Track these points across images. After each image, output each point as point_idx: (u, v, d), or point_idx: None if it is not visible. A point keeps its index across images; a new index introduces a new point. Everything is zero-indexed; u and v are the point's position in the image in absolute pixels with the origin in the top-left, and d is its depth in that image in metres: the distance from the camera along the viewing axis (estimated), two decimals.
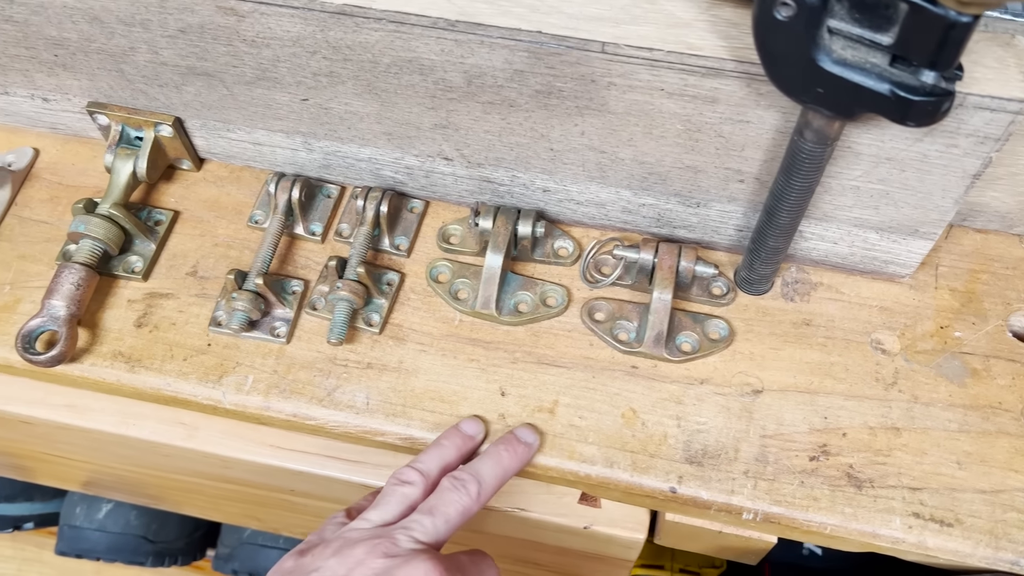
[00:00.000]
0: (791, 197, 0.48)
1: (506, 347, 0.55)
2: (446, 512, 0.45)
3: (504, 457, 0.49)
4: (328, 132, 0.57)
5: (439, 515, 0.45)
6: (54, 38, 0.54)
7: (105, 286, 0.58)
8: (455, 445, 0.50)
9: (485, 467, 0.48)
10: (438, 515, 0.45)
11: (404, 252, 0.59)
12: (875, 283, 0.58)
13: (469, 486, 0.47)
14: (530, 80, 0.48)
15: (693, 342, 0.55)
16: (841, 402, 0.53)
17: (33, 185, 0.62)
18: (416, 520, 0.45)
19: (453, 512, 0.46)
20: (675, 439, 0.52)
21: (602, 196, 0.56)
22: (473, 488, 0.47)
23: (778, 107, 0.46)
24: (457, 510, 0.46)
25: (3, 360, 0.56)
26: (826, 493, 0.50)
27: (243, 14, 0.49)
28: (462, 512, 0.46)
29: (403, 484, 0.47)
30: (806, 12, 0.38)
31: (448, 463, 0.49)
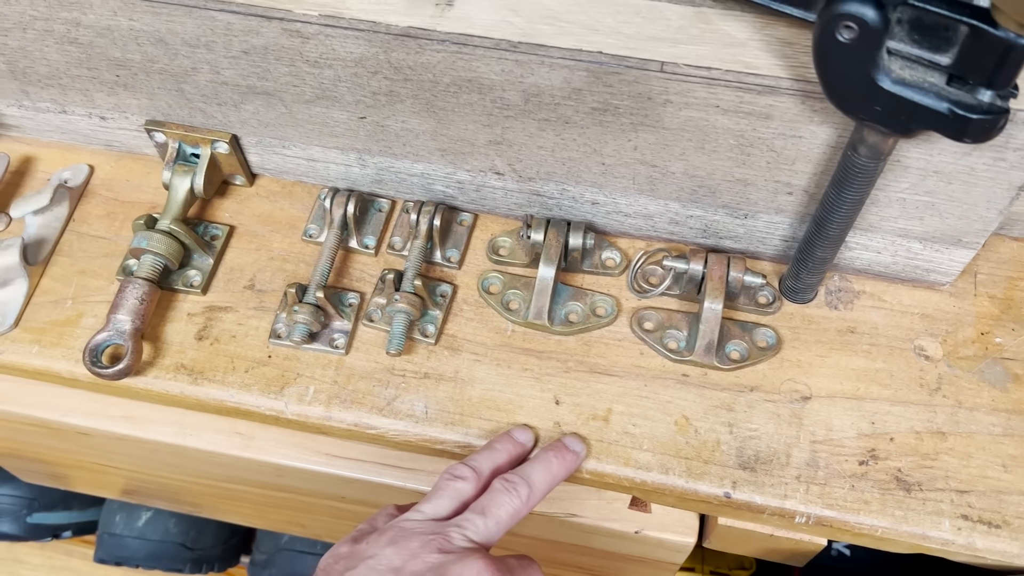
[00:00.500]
0: (842, 209, 0.50)
1: (558, 356, 0.57)
2: (497, 513, 0.47)
3: (554, 463, 0.51)
4: (383, 149, 0.58)
5: (491, 516, 0.46)
6: (117, 59, 0.56)
7: (165, 300, 0.59)
8: (506, 450, 0.51)
9: (535, 471, 0.50)
10: (490, 516, 0.46)
11: (455, 264, 0.60)
12: (916, 291, 0.59)
13: (520, 488, 0.48)
14: (587, 98, 0.50)
15: (742, 350, 0.56)
16: (887, 408, 0.55)
17: (89, 201, 0.64)
18: (469, 519, 0.46)
19: (504, 514, 0.47)
20: (728, 445, 0.53)
21: (650, 208, 0.58)
22: (524, 491, 0.48)
23: (831, 123, 0.48)
24: (508, 512, 0.47)
25: (68, 373, 0.57)
26: (876, 496, 0.52)
27: (308, 36, 0.50)
28: (512, 514, 0.47)
29: (456, 479, 0.49)
30: (868, 35, 0.40)
31: (499, 466, 0.50)
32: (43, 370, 0.57)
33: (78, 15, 0.53)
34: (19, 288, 0.59)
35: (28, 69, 0.59)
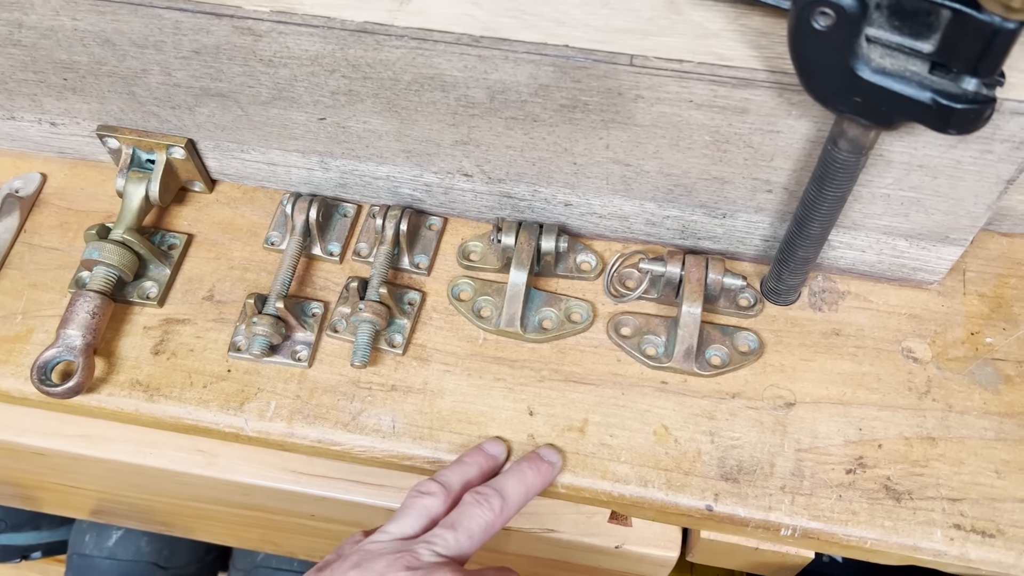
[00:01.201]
0: (823, 207, 0.47)
1: (532, 365, 0.54)
2: (469, 527, 0.44)
3: (528, 475, 0.48)
4: (345, 151, 0.55)
5: (462, 530, 0.44)
6: (64, 61, 0.53)
7: (120, 313, 0.56)
8: (477, 463, 0.49)
9: (509, 484, 0.47)
10: (461, 530, 0.44)
11: (424, 271, 0.58)
12: (903, 290, 0.57)
13: (492, 501, 0.46)
14: (555, 95, 0.47)
15: (723, 355, 0.54)
16: (875, 413, 0.53)
17: (42, 211, 0.61)
18: (438, 535, 0.44)
19: (476, 527, 0.44)
20: (709, 456, 0.51)
21: (625, 209, 0.55)
22: (496, 503, 0.46)
23: (810, 116, 0.46)
24: (480, 525, 0.45)
25: (17, 392, 0.54)
26: (865, 507, 0.50)
27: (260, 33, 0.47)
28: (485, 527, 0.45)
29: (424, 495, 0.46)
30: (845, 21, 0.37)
31: (470, 480, 0.48)
32: None
33: (19, 15, 0.50)
34: None
35: None
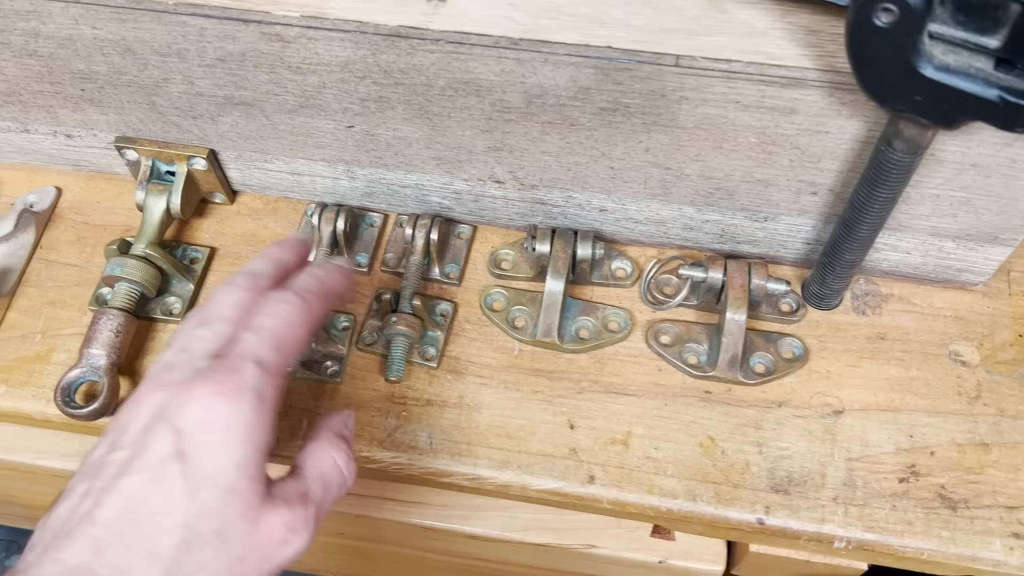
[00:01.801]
0: (873, 209, 0.46)
1: (571, 376, 0.53)
2: (220, 314, 0.39)
3: (275, 251, 0.44)
4: (373, 159, 0.54)
5: (214, 321, 0.39)
6: (82, 72, 0.51)
7: (143, 330, 0.54)
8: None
9: (254, 263, 0.43)
10: (212, 322, 0.39)
11: (455, 280, 0.56)
12: (947, 292, 0.55)
13: (239, 280, 0.41)
14: (595, 97, 0.46)
15: (767, 363, 0.52)
16: (925, 419, 0.51)
17: (58, 226, 0.59)
18: (191, 335, 0.39)
19: (229, 310, 0.39)
20: (758, 467, 0.50)
21: (663, 214, 0.54)
22: (243, 280, 0.41)
23: (861, 116, 0.44)
24: (232, 306, 0.40)
25: (39, 414, 0.52)
26: (920, 516, 0.48)
27: (289, 40, 0.46)
28: (238, 306, 0.40)
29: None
30: (909, 17, 0.36)
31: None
32: (11, 412, 0.53)
33: (36, 25, 0.48)
34: None
35: None
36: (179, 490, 0.34)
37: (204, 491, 0.34)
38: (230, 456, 0.35)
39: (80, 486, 0.36)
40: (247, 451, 0.36)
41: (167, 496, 0.34)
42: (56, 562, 0.33)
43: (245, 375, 0.37)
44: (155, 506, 0.34)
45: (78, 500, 0.35)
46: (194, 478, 0.34)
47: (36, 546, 0.35)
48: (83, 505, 0.35)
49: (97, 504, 0.34)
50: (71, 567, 0.33)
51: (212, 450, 0.35)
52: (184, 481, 0.34)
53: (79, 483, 0.36)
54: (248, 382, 0.36)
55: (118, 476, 0.35)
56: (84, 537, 0.34)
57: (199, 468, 0.35)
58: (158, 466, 0.35)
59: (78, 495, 0.35)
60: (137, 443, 0.36)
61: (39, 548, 0.34)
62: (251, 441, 0.36)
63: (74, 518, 0.34)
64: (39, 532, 0.36)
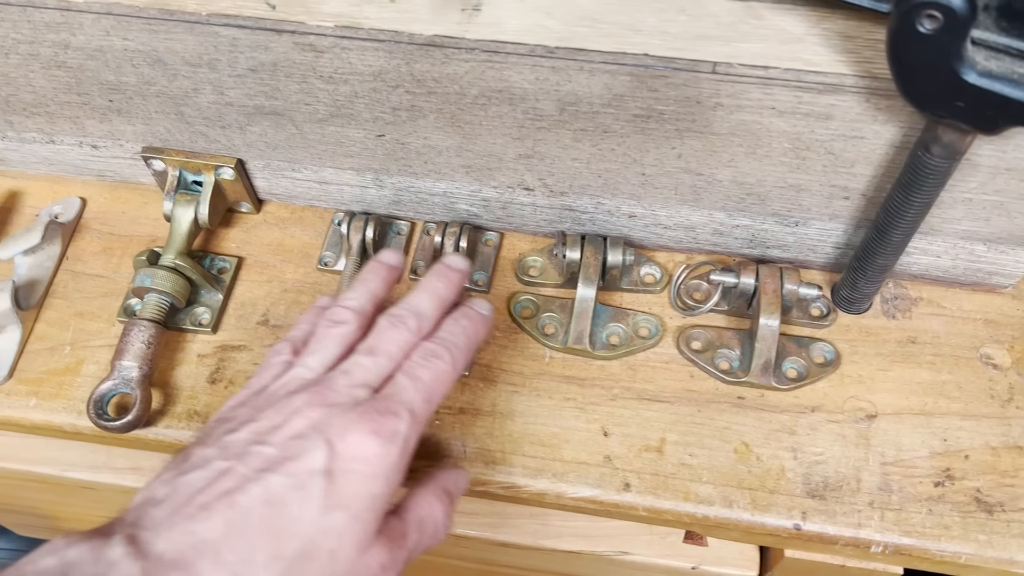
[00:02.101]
0: (908, 214, 0.46)
1: (603, 383, 0.53)
2: (387, 349, 0.42)
3: (439, 287, 0.45)
4: (402, 168, 0.54)
5: (380, 353, 0.42)
6: (110, 83, 0.51)
7: (172, 341, 0.54)
8: (380, 277, 0.46)
9: (421, 300, 0.44)
10: (379, 354, 0.42)
11: (484, 287, 0.56)
12: (976, 295, 0.55)
13: (407, 321, 0.43)
14: (629, 104, 0.46)
15: (799, 368, 0.52)
16: (959, 423, 0.51)
17: (83, 237, 0.59)
18: (355, 361, 0.41)
19: (395, 348, 0.42)
20: (793, 472, 0.49)
21: (693, 219, 0.54)
22: (412, 322, 0.43)
23: (897, 122, 0.44)
24: (399, 346, 0.42)
25: (70, 427, 0.52)
26: (957, 520, 0.48)
27: (322, 50, 0.46)
28: (404, 347, 0.42)
29: (337, 325, 0.43)
30: (953, 24, 0.36)
31: (377, 295, 0.45)
32: (43, 424, 0.52)
33: (67, 36, 0.48)
34: (11, 336, 0.54)
35: (11, 97, 0.54)
36: (316, 504, 0.36)
37: (336, 512, 0.36)
38: (368, 489, 0.37)
39: (217, 462, 0.37)
40: (383, 489, 0.38)
41: (304, 505, 0.36)
42: (188, 532, 0.35)
43: (401, 423, 0.39)
44: (292, 511, 0.36)
45: (216, 475, 0.37)
46: (332, 498, 0.36)
47: (164, 503, 0.36)
48: (223, 483, 0.36)
49: (240, 489, 0.36)
50: (201, 540, 0.34)
51: (356, 478, 0.37)
52: (324, 498, 0.36)
53: (215, 458, 0.38)
54: (401, 429, 0.39)
55: (265, 470, 0.37)
56: (221, 517, 0.35)
57: (340, 491, 0.37)
58: (306, 475, 0.37)
59: (216, 471, 0.37)
60: (289, 447, 0.38)
61: (169, 507, 0.36)
62: (389, 482, 0.38)
63: (212, 492, 0.36)
64: (164, 487, 0.37)
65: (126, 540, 0.34)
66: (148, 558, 0.34)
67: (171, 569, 0.33)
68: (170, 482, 0.37)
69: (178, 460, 0.39)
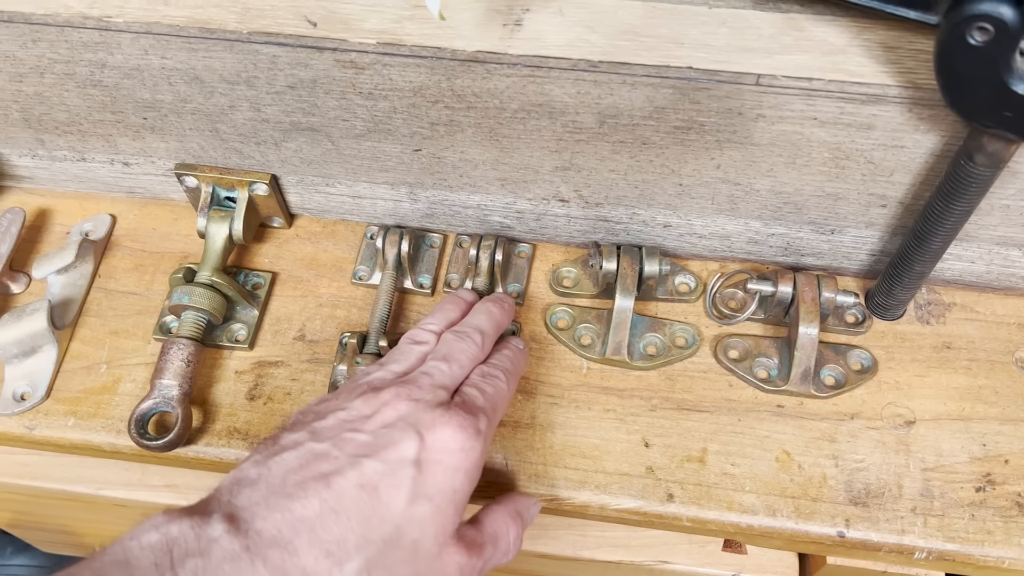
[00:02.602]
0: (948, 222, 0.46)
1: (641, 394, 0.53)
2: (459, 359, 0.46)
3: (494, 310, 0.50)
4: (437, 181, 0.54)
5: (453, 361, 0.46)
6: (146, 101, 0.51)
7: (209, 358, 0.54)
8: (457, 306, 0.51)
9: (480, 319, 0.49)
10: (452, 361, 0.46)
11: (519, 300, 0.56)
12: (1009, 299, 0.56)
13: (473, 335, 0.48)
14: (670, 116, 0.46)
15: (837, 375, 0.53)
16: (997, 427, 0.51)
17: (115, 254, 0.59)
18: (434, 365, 0.45)
19: (465, 358, 0.46)
20: (835, 480, 0.50)
21: (728, 228, 0.54)
22: (477, 336, 0.48)
23: (938, 131, 0.44)
24: (468, 356, 0.47)
25: (109, 446, 0.52)
26: (999, 525, 0.48)
27: (363, 66, 0.46)
28: (472, 358, 0.47)
29: (418, 344, 0.48)
30: (1004, 36, 0.36)
31: (453, 321, 0.50)
32: (81, 444, 0.52)
33: (104, 56, 0.48)
34: (48, 355, 0.54)
35: (44, 116, 0.54)
36: (405, 492, 0.38)
37: (422, 502, 0.39)
38: (452, 482, 0.40)
39: (310, 443, 0.40)
40: (465, 485, 0.40)
41: (394, 492, 0.38)
42: (285, 509, 0.36)
43: (481, 423, 0.42)
44: (382, 497, 0.38)
45: (310, 457, 0.39)
46: (420, 488, 0.39)
47: (258, 482, 0.38)
48: (318, 465, 0.38)
49: (336, 472, 0.38)
50: (298, 519, 0.36)
51: (442, 470, 0.40)
52: (412, 486, 0.39)
53: (307, 441, 0.40)
54: (482, 429, 0.42)
55: (359, 455, 0.39)
56: (317, 497, 0.37)
57: (427, 481, 0.39)
58: (397, 463, 0.39)
59: (309, 452, 0.39)
60: (382, 435, 0.40)
61: (264, 487, 0.37)
62: (470, 478, 0.41)
63: (307, 472, 0.38)
64: (256, 467, 0.39)
65: (225, 518, 0.36)
66: (248, 535, 0.35)
67: (270, 546, 0.35)
68: (262, 463, 0.39)
69: (266, 444, 0.41)
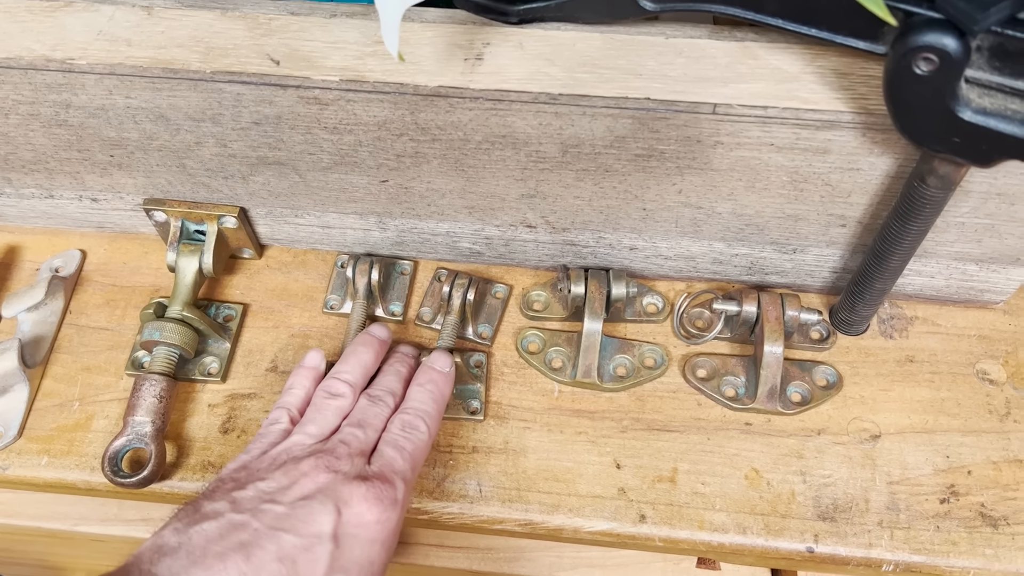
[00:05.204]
0: (905, 241, 0.47)
1: (612, 415, 0.54)
2: (372, 423, 0.47)
3: (402, 369, 0.51)
4: (406, 210, 0.54)
5: (368, 426, 0.47)
6: (112, 139, 0.51)
7: (182, 391, 0.54)
8: (372, 349, 0.51)
9: (391, 381, 0.50)
10: (367, 426, 0.47)
11: (488, 340, 0.56)
12: (969, 311, 0.57)
13: (386, 399, 0.49)
14: (631, 145, 0.47)
15: (803, 391, 0.54)
16: (960, 439, 0.52)
17: (86, 289, 0.59)
18: (350, 432, 0.46)
19: (378, 422, 0.47)
20: (804, 496, 0.51)
21: (693, 250, 0.55)
22: (390, 400, 0.49)
23: (892, 153, 0.45)
24: (381, 419, 0.48)
25: (84, 484, 0.52)
26: (964, 536, 0.49)
27: (327, 102, 0.46)
28: (384, 420, 0.48)
29: (336, 397, 0.48)
30: (949, 66, 0.37)
31: (368, 368, 0.51)
32: (55, 482, 0.52)
33: (68, 96, 0.48)
34: (19, 394, 0.54)
35: (11, 155, 0.54)
36: (323, 566, 0.39)
37: None
38: (368, 555, 0.41)
39: (230, 515, 0.40)
40: (381, 555, 0.42)
41: (312, 567, 0.39)
42: None
43: (397, 491, 0.43)
44: (300, 570, 0.39)
45: (229, 528, 0.39)
46: (336, 562, 0.40)
47: (179, 551, 0.38)
48: (237, 535, 0.39)
49: (254, 544, 0.39)
50: None
51: (359, 544, 0.41)
52: (329, 560, 0.39)
53: (227, 511, 0.40)
54: (398, 497, 0.43)
55: (277, 529, 0.40)
56: (236, 568, 0.38)
57: (344, 555, 0.40)
58: (313, 538, 0.40)
59: (228, 523, 0.40)
60: (299, 508, 0.41)
61: (184, 556, 0.38)
62: (386, 548, 0.43)
63: (226, 543, 0.39)
64: (176, 535, 0.39)
65: None
66: None
67: None
68: (183, 531, 0.39)
69: (187, 511, 0.41)
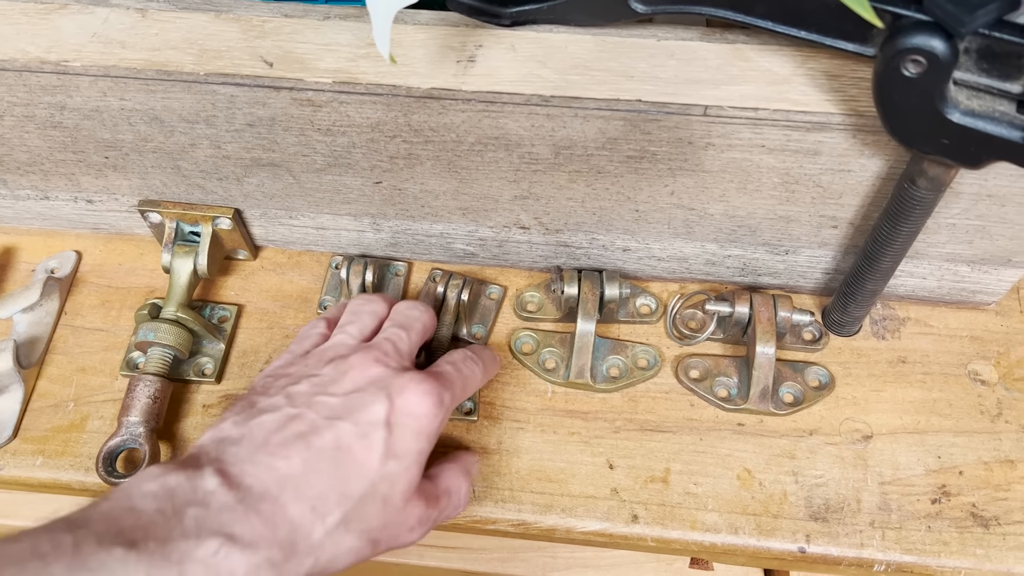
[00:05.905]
0: (896, 243, 0.47)
1: (605, 416, 0.54)
2: (414, 326, 0.48)
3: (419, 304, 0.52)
4: (400, 212, 0.54)
5: (411, 330, 0.48)
6: (106, 140, 0.51)
7: (177, 392, 0.55)
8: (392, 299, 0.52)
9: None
10: (411, 330, 0.48)
11: (482, 340, 0.56)
12: (961, 312, 0.57)
13: (420, 306, 0.50)
14: (623, 147, 0.47)
15: (796, 392, 0.54)
16: (951, 439, 0.53)
17: (81, 291, 0.59)
18: (395, 332, 0.47)
19: (419, 325, 0.48)
20: (795, 496, 0.51)
21: (686, 251, 0.55)
22: (423, 306, 0.50)
23: (882, 155, 0.46)
24: (423, 323, 0.49)
25: (78, 484, 0.52)
26: (955, 536, 0.50)
27: (320, 104, 0.46)
28: (423, 327, 0.49)
29: (369, 302, 0.50)
30: (937, 68, 0.37)
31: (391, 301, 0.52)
32: (50, 482, 0.52)
33: (63, 99, 0.48)
34: (14, 395, 0.54)
35: (6, 157, 0.54)
36: (378, 452, 0.41)
37: (392, 461, 0.41)
38: (417, 444, 0.42)
39: (287, 408, 0.42)
40: (426, 447, 0.43)
41: (368, 452, 0.41)
42: (270, 467, 0.39)
43: (447, 394, 0.44)
44: (357, 456, 0.40)
45: (287, 419, 0.41)
46: (390, 448, 0.41)
47: (241, 441, 0.40)
48: (296, 426, 0.41)
49: (314, 432, 0.40)
50: (283, 475, 0.39)
51: (410, 432, 0.42)
52: (384, 447, 0.41)
53: (284, 405, 0.42)
54: (447, 400, 0.44)
55: (333, 418, 0.41)
56: (299, 456, 0.39)
57: (396, 442, 0.41)
58: (368, 425, 0.41)
59: (287, 415, 0.41)
60: (352, 399, 0.42)
61: (248, 445, 0.40)
62: (430, 442, 0.43)
63: (287, 433, 0.40)
64: (236, 428, 0.41)
65: (217, 472, 0.38)
66: (240, 488, 0.38)
67: (260, 500, 0.38)
68: (242, 424, 0.41)
69: (242, 406, 0.43)
